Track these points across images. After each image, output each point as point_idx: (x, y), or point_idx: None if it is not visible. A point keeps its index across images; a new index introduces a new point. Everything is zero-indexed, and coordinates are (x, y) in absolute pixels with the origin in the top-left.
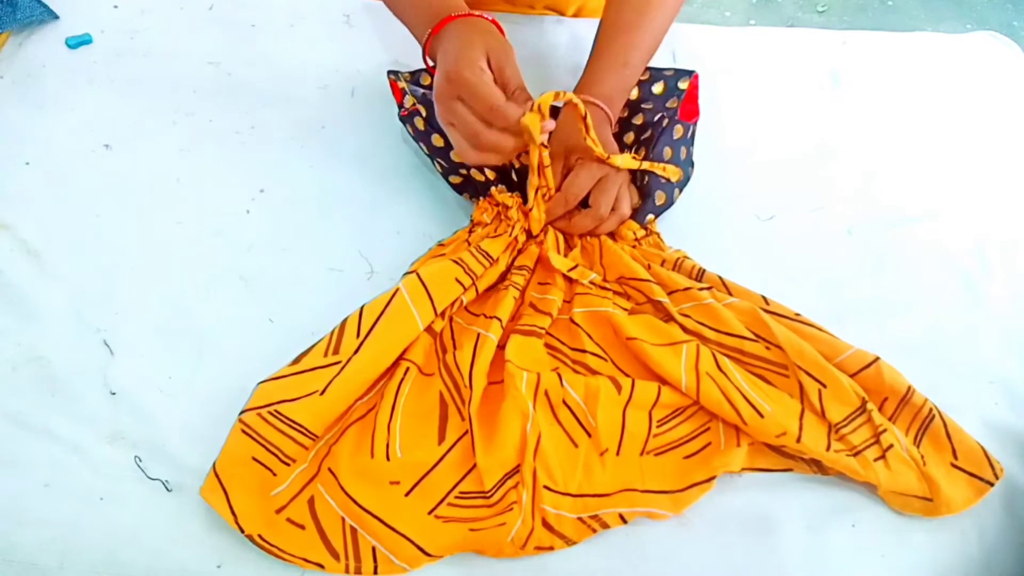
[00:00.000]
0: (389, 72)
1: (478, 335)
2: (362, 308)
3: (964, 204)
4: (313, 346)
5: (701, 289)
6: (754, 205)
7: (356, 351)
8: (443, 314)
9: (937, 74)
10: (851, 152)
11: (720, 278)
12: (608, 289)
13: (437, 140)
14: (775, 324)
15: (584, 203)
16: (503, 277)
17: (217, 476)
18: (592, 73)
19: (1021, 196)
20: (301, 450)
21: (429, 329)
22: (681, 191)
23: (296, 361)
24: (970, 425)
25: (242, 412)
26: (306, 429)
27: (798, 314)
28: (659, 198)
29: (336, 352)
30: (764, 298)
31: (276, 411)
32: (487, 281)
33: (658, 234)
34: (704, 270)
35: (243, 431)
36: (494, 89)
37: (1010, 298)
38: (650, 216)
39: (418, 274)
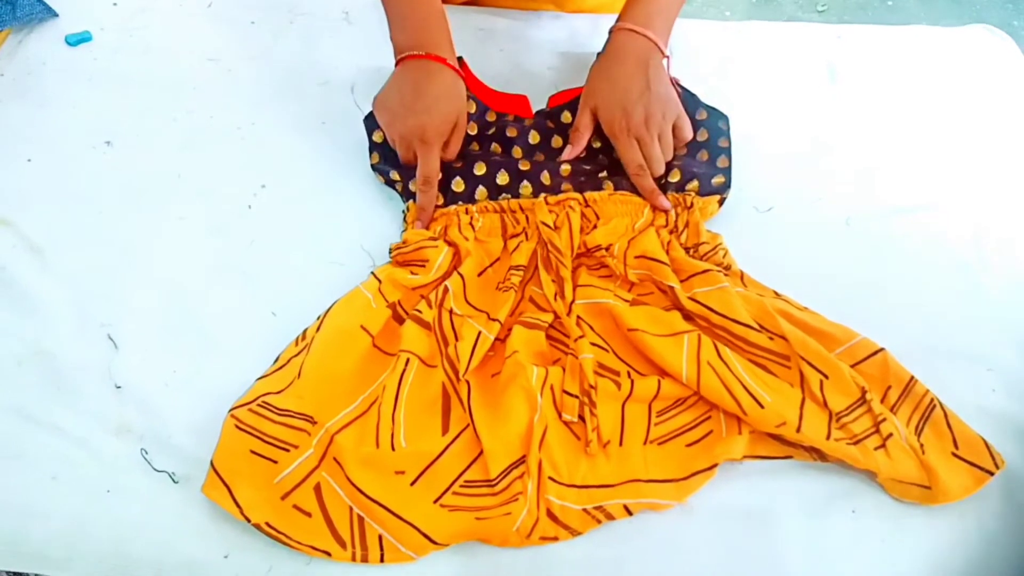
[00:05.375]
0: None
1: (479, 332)
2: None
3: (961, 195)
4: (289, 344)
5: (718, 272)
6: (753, 197)
7: (317, 330)
8: (431, 302)
9: (933, 67)
10: (848, 144)
11: (742, 273)
12: (612, 277)
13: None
14: (781, 317)
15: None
16: (497, 270)
17: (216, 472)
18: (628, 4)
19: (1017, 186)
20: (299, 435)
21: (421, 320)
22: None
23: (277, 360)
24: (967, 413)
25: (232, 408)
26: (296, 412)
27: (805, 307)
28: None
29: (303, 339)
30: (776, 292)
31: (264, 402)
32: (478, 261)
33: (698, 223)
34: (731, 265)
35: (236, 426)
36: (437, 164)
37: (1007, 286)
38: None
39: (373, 273)
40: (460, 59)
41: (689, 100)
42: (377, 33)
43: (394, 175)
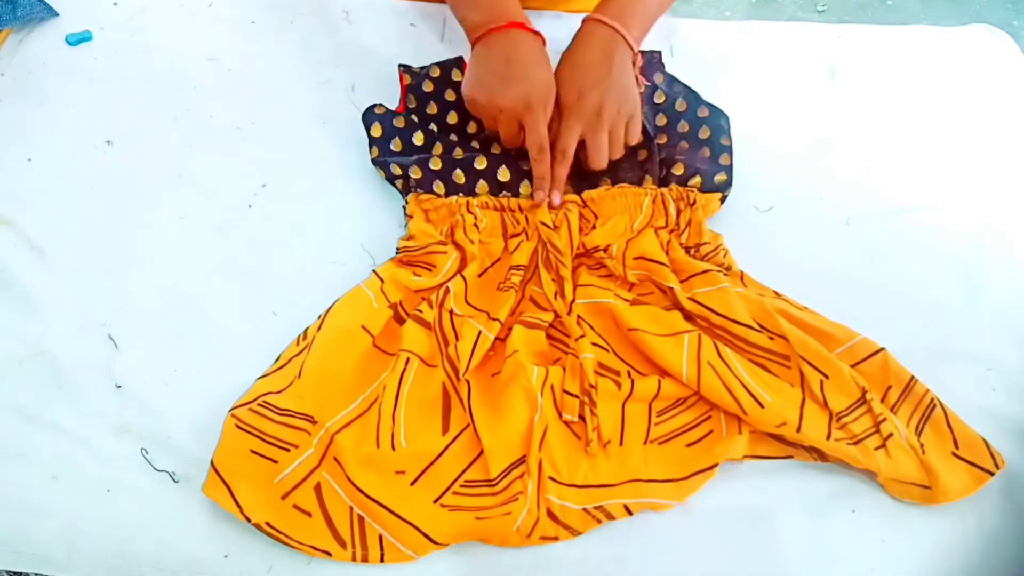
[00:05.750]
0: (400, 65)
1: (479, 332)
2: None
3: (962, 194)
4: (290, 343)
5: (718, 272)
6: (753, 196)
7: (318, 330)
8: (432, 302)
9: (932, 67)
10: (848, 144)
11: (742, 273)
12: (612, 277)
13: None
14: (780, 317)
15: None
16: (498, 270)
17: (217, 471)
18: None
19: (1018, 186)
20: (300, 434)
21: (421, 320)
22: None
23: (278, 359)
24: (968, 412)
25: (233, 408)
26: (296, 412)
27: (805, 307)
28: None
29: (304, 339)
30: (776, 292)
31: (264, 402)
32: (479, 262)
33: (701, 222)
34: (731, 266)
35: (237, 426)
36: (546, 133)
37: (1007, 286)
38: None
39: (375, 271)
40: (460, 59)
41: (690, 97)
42: (377, 33)
43: (395, 168)
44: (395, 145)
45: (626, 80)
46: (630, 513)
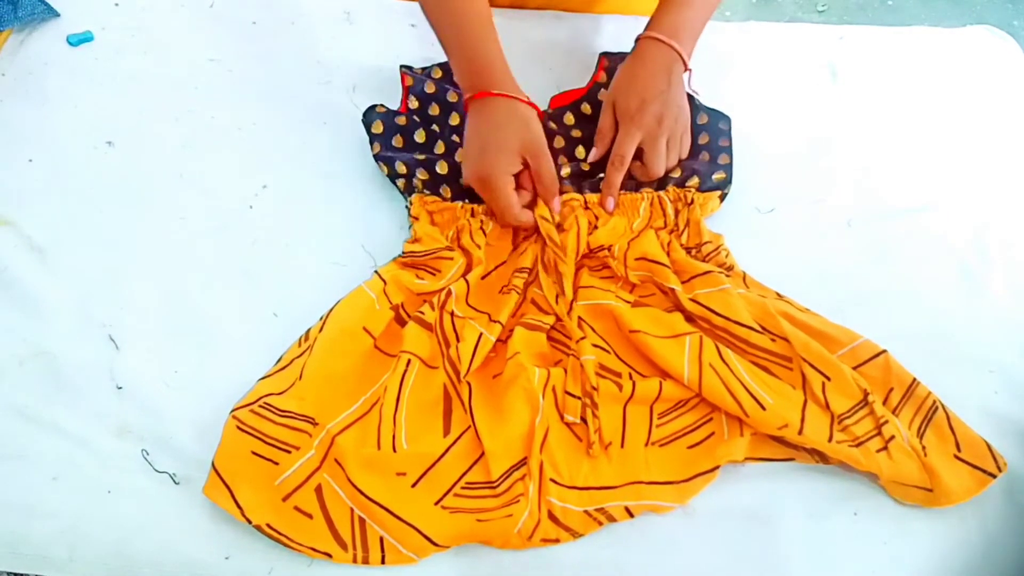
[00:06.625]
0: (402, 66)
1: (480, 334)
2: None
3: (962, 195)
4: (292, 345)
5: (720, 274)
6: (754, 198)
7: (320, 331)
8: (433, 304)
9: (934, 68)
10: (850, 145)
11: (744, 274)
12: (613, 279)
13: (420, 136)
14: (783, 319)
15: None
16: (501, 274)
17: (218, 473)
18: (656, 14)
19: (1018, 187)
20: (301, 436)
21: (423, 321)
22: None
23: (280, 360)
24: (970, 414)
25: (234, 409)
26: (297, 414)
27: (807, 308)
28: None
29: (306, 340)
30: (778, 294)
31: (266, 403)
32: (482, 267)
33: (700, 222)
34: (733, 266)
35: (238, 427)
36: (511, 197)
37: (1009, 288)
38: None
39: (377, 272)
40: None
41: (691, 104)
42: (378, 33)
43: (400, 167)
44: (396, 142)
45: (682, 97)
46: (631, 515)
